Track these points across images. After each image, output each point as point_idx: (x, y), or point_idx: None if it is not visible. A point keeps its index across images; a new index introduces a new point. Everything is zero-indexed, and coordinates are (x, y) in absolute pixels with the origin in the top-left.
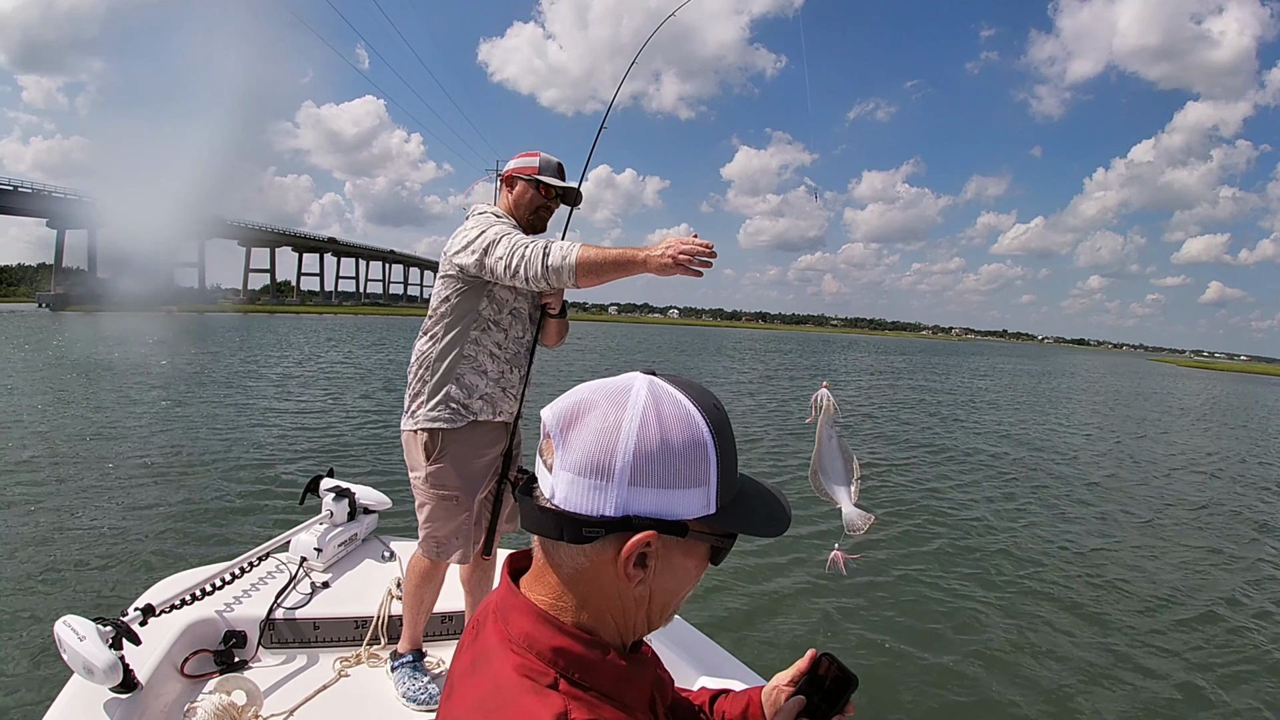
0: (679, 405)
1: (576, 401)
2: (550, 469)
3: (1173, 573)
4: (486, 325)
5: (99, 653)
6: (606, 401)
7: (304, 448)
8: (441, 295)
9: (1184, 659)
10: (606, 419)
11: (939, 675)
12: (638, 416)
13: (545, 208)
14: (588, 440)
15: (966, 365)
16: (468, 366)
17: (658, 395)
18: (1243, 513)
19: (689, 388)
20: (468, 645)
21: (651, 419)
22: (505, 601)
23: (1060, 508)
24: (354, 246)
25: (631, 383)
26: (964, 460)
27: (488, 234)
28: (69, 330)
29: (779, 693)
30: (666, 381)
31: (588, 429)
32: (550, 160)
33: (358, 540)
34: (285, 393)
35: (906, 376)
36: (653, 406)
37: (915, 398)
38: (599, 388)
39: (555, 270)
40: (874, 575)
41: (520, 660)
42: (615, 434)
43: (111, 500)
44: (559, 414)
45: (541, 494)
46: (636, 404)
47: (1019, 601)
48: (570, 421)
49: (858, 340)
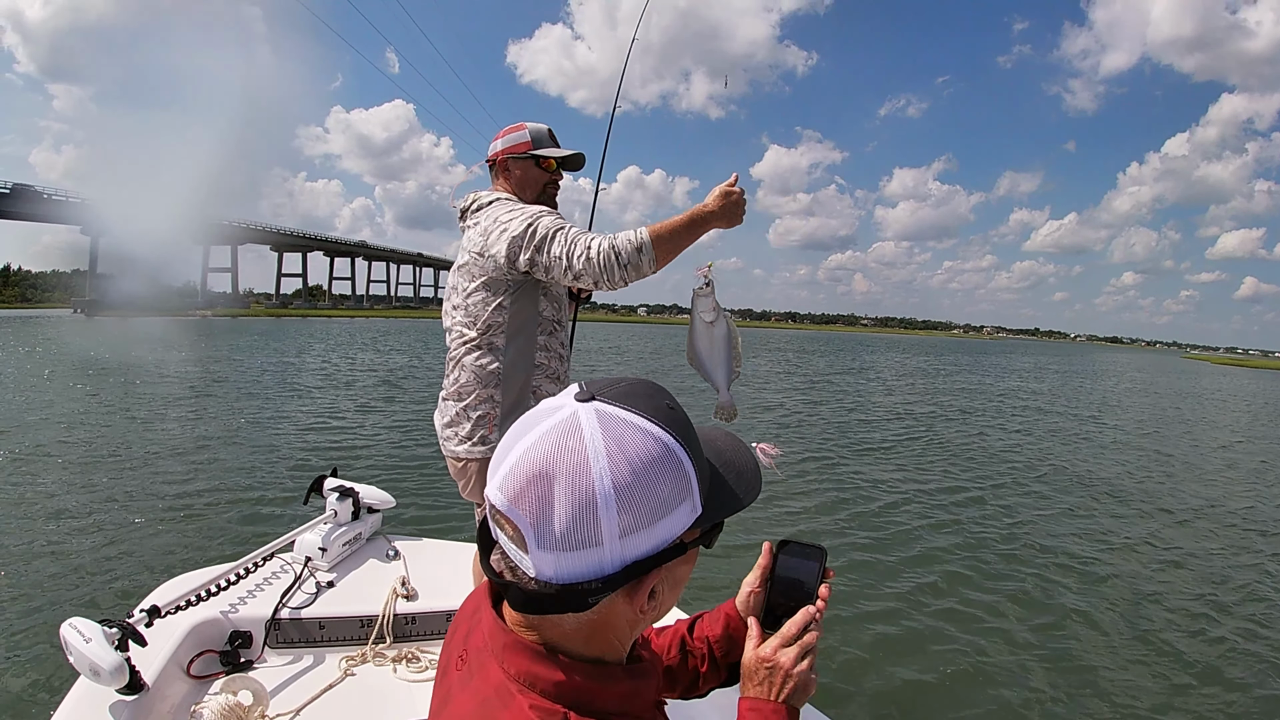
0: (637, 429)
1: (528, 477)
2: (523, 548)
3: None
4: (551, 327)
5: (105, 654)
6: (563, 466)
7: (307, 447)
8: (490, 302)
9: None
10: (574, 489)
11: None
12: (605, 470)
13: (552, 183)
14: (563, 518)
15: (996, 365)
16: (543, 376)
17: (612, 430)
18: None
19: (636, 399)
20: (457, 663)
21: (620, 462)
22: (496, 640)
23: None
24: (384, 250)
25: (576, 424)
26: (1005, 462)
27: (538, 229)
28: (99, 334)
29: (753, 597)
30: (609, 404)
31: (558, 508)
32: (540, 130)
33: (362, 539)
34: (289, 393)
35: (932, 378)
36: (615, 447)
37: (950, 401)
38: (544, 447)
39: (633, 265)
40: (891, 572)
41: (529, 700)
42: (591, 502)
43: (116, 502)
44: (513, 497)
45: (524, 574)
46: (598, 454)
47: (1077, 603)
48: (531, 505)
49: (875, 340)
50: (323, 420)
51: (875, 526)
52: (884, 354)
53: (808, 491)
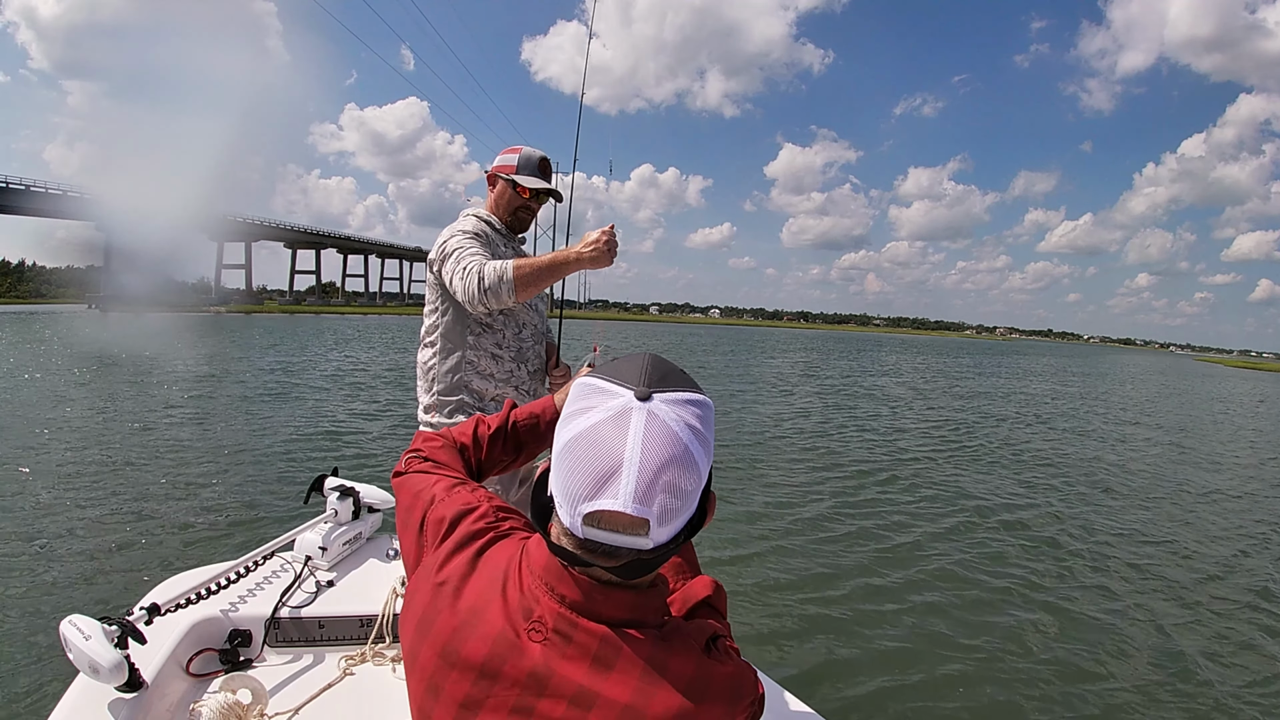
0: (694, 403)
1: (649, 482)
2: (643, 532)
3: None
4: (479, 330)
5: (104, 652)
6: (673, 462)
7: (308, 447)
8: (430, 304)
9: None
10: (686, 477)
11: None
12: (701, 452)
13: (525, 208)
14: (680, 499)
15: (1015, 366)
16: (472, 372)
17: (688, 414)
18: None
19: (671, 378)
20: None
21: (704, 437)
22: (616, 611)
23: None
24: (397, 248)
25: (664, 423)
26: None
27: (447, 248)
28: (112, 330)
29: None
30: (666, 392)
31: (677, 496)
32: (531, 157)
33: (362, 539)
34: (293, 392)
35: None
36: (697, 424)
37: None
38: (652, 452)
39: (493, 292)
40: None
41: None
42: (698, 481)
43: (117, 499)
44: (641, 499)
45: (637, 549)
46: (690, 439)
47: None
48: (659, 502)
49: (888, 340)
50: (324, 419)
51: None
52: (901, 355)
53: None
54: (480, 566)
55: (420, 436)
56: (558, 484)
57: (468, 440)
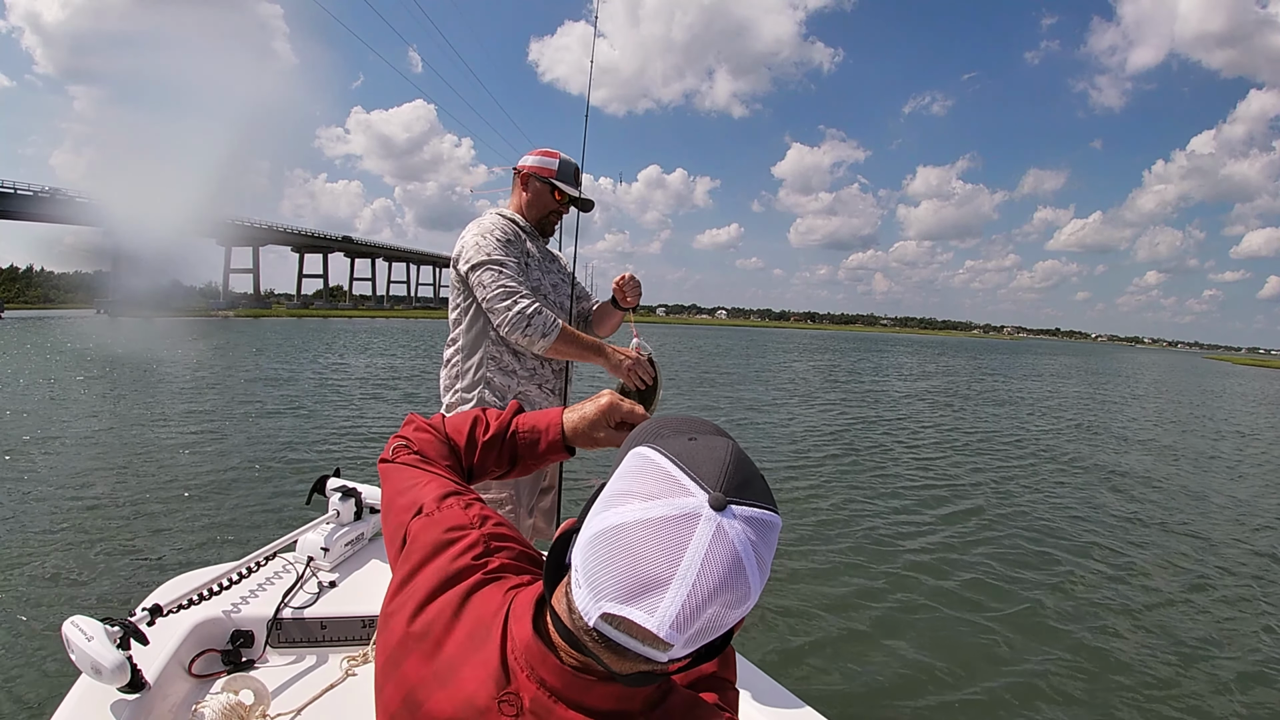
0: (769, 527)
1: (695, 610)
2: (664, 648)
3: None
4: None
5: (107, 653)
6: (729, 597)
7: (310, 447)
8: (455, 303)
9: None
10: (732, 608)
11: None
12: (758, 587)
13: (556, 213)
14: (716, 623)
15: (1027, 366)
16: (495, 367)
17: (763, 544)
18: None
19: (752, 484)
20: None
21: (765, 570)
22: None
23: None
24: (405, 251)
25: (733, 550)
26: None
27: (486, 258)
28: (119, 334)
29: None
30: (744, 506)
31: (717, 622)
32: (569, 164)
33: (364, 540)
34: (296, 393)
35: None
36: (766, 556)
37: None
38: (709, 580)
39: (530, 338)
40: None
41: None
42: (742, 616)
43: (119, 500)
44: (679, 627)
45: (655, 661)
46: (754, 574)
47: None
48: (698, 629)
49: (897, 340)
50: (326, 420)
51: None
52: (911, 355)
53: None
54: (462, 618)
55: (410, 423)
56: (585, 566)
57: (461, 441)
